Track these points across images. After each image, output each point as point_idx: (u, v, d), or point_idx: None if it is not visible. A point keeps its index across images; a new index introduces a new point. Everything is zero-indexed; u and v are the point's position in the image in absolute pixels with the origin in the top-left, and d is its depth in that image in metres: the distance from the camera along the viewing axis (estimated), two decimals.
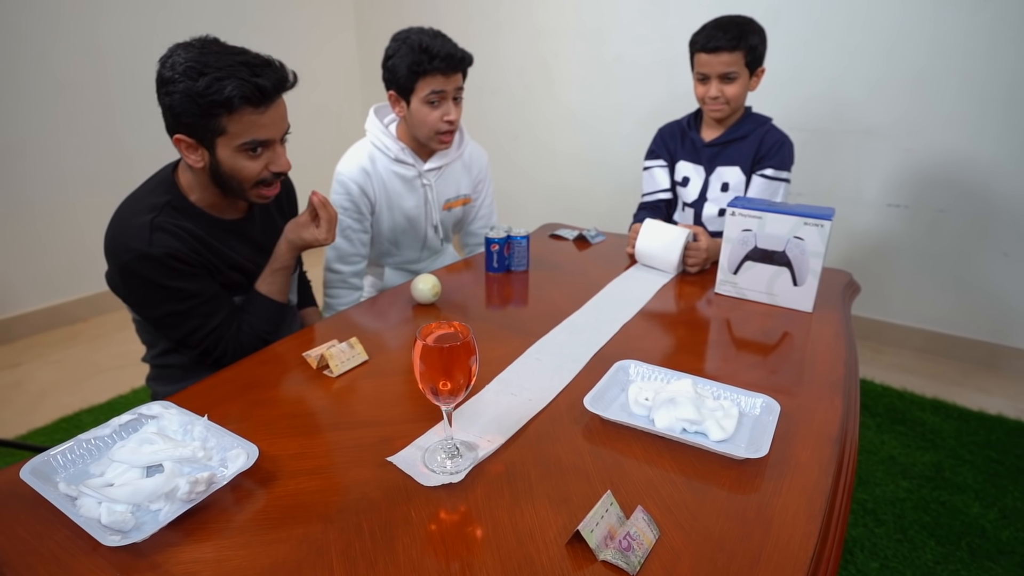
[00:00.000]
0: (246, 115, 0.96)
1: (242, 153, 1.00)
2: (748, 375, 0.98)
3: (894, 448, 1.84)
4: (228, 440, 0.75)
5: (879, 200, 2.41)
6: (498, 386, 0.94)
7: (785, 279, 1.22)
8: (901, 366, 2.37)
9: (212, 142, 0.98)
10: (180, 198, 1.06)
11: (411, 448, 0.79)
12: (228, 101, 0.94)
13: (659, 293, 1.31)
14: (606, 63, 2.90)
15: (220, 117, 0.95)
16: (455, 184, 1.61)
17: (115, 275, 1.03)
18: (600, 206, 3.13)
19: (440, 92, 1.39)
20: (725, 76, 1.52)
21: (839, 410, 0.87)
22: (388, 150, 1.49)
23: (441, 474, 0.74)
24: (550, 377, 0.96)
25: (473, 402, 0.90)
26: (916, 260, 2.40)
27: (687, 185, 1.70)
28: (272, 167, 1.03)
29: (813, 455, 0.77)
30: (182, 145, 1.00)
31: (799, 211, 1.17)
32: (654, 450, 0.78)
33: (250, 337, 1.13)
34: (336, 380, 0.96)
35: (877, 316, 2.53)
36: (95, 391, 2.20)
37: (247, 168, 1.02)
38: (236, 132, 0.98)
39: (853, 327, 1.19)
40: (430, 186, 1.54)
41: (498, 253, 1.41)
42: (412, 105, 1.42)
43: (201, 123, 0.96)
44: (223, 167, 1.01)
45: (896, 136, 2.31)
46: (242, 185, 1.03)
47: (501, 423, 0.84)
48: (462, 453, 0.77)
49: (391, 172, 1.50)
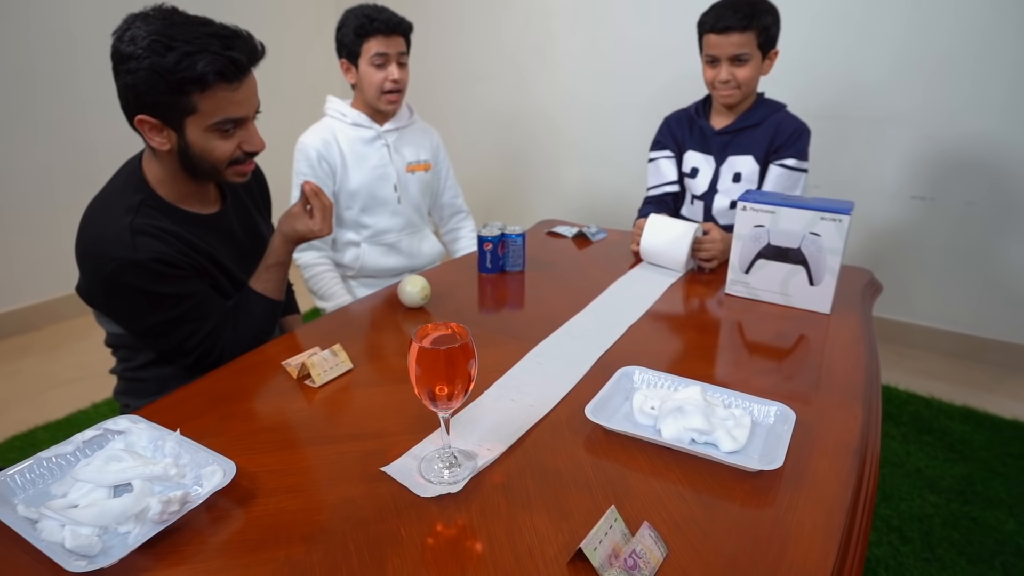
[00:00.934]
0: (219, 92, 0.96)
1: (214, 133, 1.00)
2: (761, 381, 0.99)
3: (920, 460, 1.86)
4: (202, 456, 0.76)
5: (902, 192, 2.44)
6: (497, 392, 0.95)
7: (801, 278, 1.23)
8: (927, 371, 2.39)
9: (180, 122, 0.98)
10: (152, 195, 1.06)
11: (406, 458, 0.80)
12: (201, 78, 0.93)
13: (666, 293, 1.33)
14: (607, 46, 2.92)
15: (191, 95, 0.95)
16: (415, 147, 1.81)
17: (95, 288, 1.03)
18: (601, 201, 3.15)
19: (383, 55, 1.64)
20: (736, 58, 1.54)
21: (859, 419, 0.89)
22: (345, 117, 1.72)
23: (439, 484, 0.75)
24: (552, 382, 0.98)
25: (470, 409, 0.91)
26: (943, 256, 2.42)
27: (696, 176, 1.71)
28: (245, 146, 1.04)
29: (831, 467, 0.79)
30: (145, 127, 0.99)
31: (815, 205, 1.19)
32: (661, 462, 0.79)
33: (247, 337, 1.15)
34: (319, 390, 0.97)
35: (901, 317, 2.56)
36: (53, 405, 2.19)
37: (219, 149, 1.02)
38: (208, 111, 0.97)
39: (874, 329, 1.20)
40: (390, 145, 1.76)
41: (491, 253, 1.42)
42: (360, 68, 1.67)
43: (168, 102, 0.95)
44: (193, 149, 1.01)
45: (920, 122, 2.34)
46: (215, 167, 1.03)
47: (501, 431, 0.86)
48: (460, 462, 0.79)
49: (352, 137, 1.72)
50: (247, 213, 1.24)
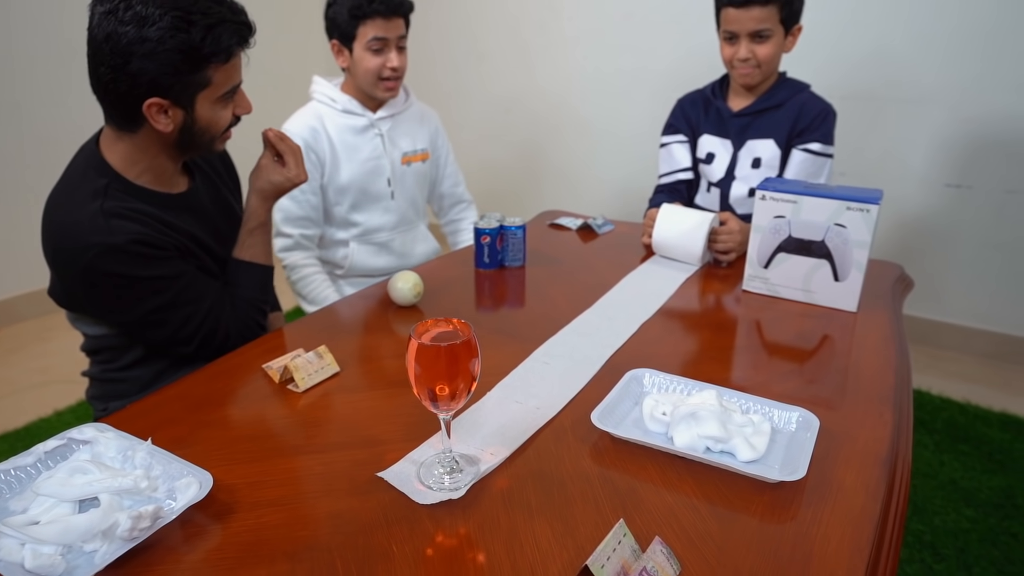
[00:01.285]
0: (232, 61, 1.03)
1: (220, 103, 1.06)
2: (782, 385, 0.99)
3: (955, 471, 1.86)
4: (176, 467, 0.76)
5: (936, 179, 2.44)
6: (501, 393, 0.96)
7: (825, 274, 1.23)
8: (963, 374, 2.39)
9: (192, 99, 1.03)
10: (117, 177, 1.07)
11: (404, 462, 0.81)
12: (227, 49, 1.00)
13: (680, 289, 1.33)
14: (614, 22, 2.92)
15: (208, 69, 1.01)
16: (411, 136, 1.79)
17: (73, 284, 1.03)
18: (609, 190, 3.15)
19: (382, 39, 1.60)
20: (756, 34, 1.54)
21: (889, 425, 0.89)
22: (335, 103, 1.69)
23: (439, 491, 0.76)
24: (560, 383, 0.99)
25: (472, 411, 0.92)
26: (980, 250, 2.43)
27: (712, 162, 1.72)
28: (238, 110, 1.10)
29: (858, 478, 0.79)
30: (153, 110, 1.01)
31: (841, 194, 1.19)
32: (673, 472, 0.80)
33: (247, 310, 1.17)
34: (302, 396, 0.97)
35: (934, 316, 2.56)
36: (11, 413, 2.20)
37: (223, 118, 1.08)
38: (220, 82, 1.03)
39: (905, 329, 1.21)
40: (384, 135, 1.73)
41: (489, 246, 1.43)
42: (355, 53, 1.63)
43: (187, 79, 1.00)
44: (199, 124, 1.06)
45: (955, 103, 2.34)
46: (214, 136, 1.09)
47: (505, 434, 0.87)
48: (462, 467, 0.80)
49: (342, 125, 1.69)
50: (216, 190, 1.25)
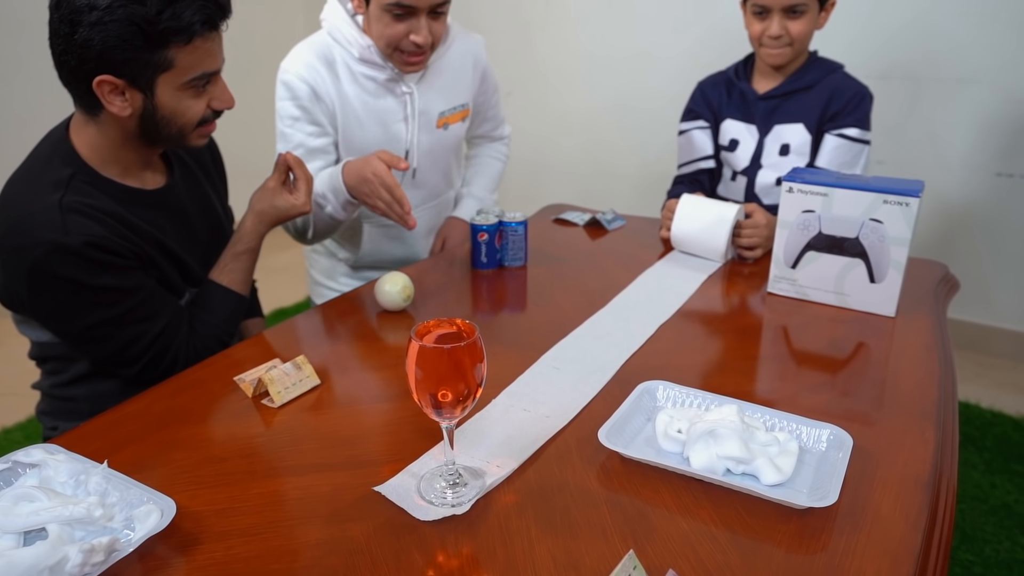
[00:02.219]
0: (200, 44, 1.01)
1: (188, 91, 1.04)
2: (812, 398, 0.99)
3: (1009, 493, 1.85)
4: (135, 494, 0.76)
5: (985, 168, 2.43)
6: (507, 401, 0.98)
7: (859, 274, 1.23)
8: (1017, 385, 2.38)
9: (151, 81, 1.01)
10: (85, 168, 1.07)
11: (403, 475, 0.83)
12: (188, 28, 0.98)
13: (699, 291, 1.33)
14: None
15: (169, 49, 0.99)
16: (451, 89, 1.57)
17: (18, 282, 1.03)
18: (620, 181, 3.14)
19: (408, 7, 1.35)
20: (790, 10, 1.53)
21: (931, 444, 0.88)
22: (351, 45, 1.46)
23: (441, 506, 0.77)
24: (570, 390, 1.01)
25: (476, 420, 0.93)
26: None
27: (736, 149, 1.71)
28: (215, 103, 1.08)
29: (897, 503, 0.78)
30: (104, 89, 1.01)
31: (877, 186, 1.18)
32: (689, 497, 0.79)
33: (206, 339, 1.16)
34: (279, 411, 0.97)
35: (983, 320, 2.55)
36: None
37: (192, 109, 1.06)
38: (186, 65, 1.01)
39: (949, 335, 1.20)
40: (411, 94, 1.52)
41: (487, 244, 1.43)
42: (371, 7, 1.40)
43: (142, 58, 0.98)
44: (161, 112, 1.04)
45: (1006, 84, 2.33)
46: (182, 130, 1.07)
47: (513, 445, 0.88)
48: (466, 481, 0.81)
49: (358, 73, 1.48)
50: (198, 186, 1.25)
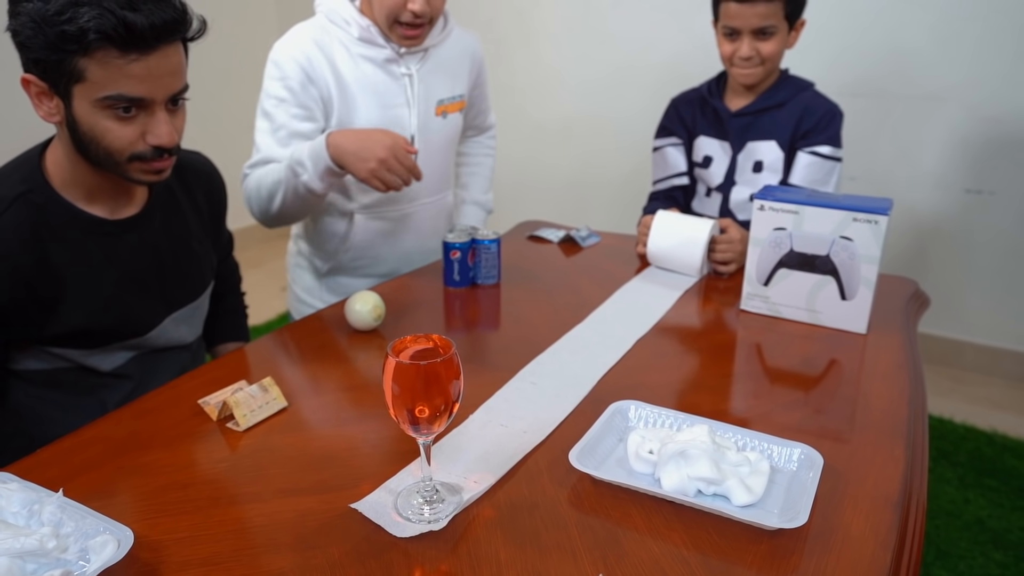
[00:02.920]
0: (111, 60, 0.93)
1: (105, 111, 0.97)
2: (785, 416, 1.00)
3: (982, 508, 1.87)
4: (91, 523, 0.74)
5: (955, 184, 2.48)
6: (484, 416, 0.99)
7: (830, 291, 1.24)
8: (989, 400, 2.42)
9: (68, 90, 0.96)
10: (45, 188, 1.04)
11: (380, 492, 0.84)
12: (81, 35, 0.90)
13: (673, 309, 1.33)
14: (600, 11, 2.95)
15: (74, 56, 0.93)
16: (450, 77, 1.56)
17: None
18: (595, 198, 3.16)
19: None
20: (760, 31, 1.56)
21: (901, 463, 0.89)
22: (350, 25, 1.44)
23: (418, 522, 0.78)
24: (548, 405, 1.02)
25: (453, 436, 0.94)
26: (1005, 262, 2.46)
27: (710, 166, 1.74)
28: (149, 137, 1.00)
29: (868, 523, 0.79)
30: (32, 89, 0.99)
31: (847, 204, 1.20)
32: (660, 519, 0.79)
33: None
34: (244, 435, 0.96)
35: (956, 335, 2.59)
36: None
37: (113, 133, 0.98)
38: (97, 81, 0.94)
39: (919, 353, 1.22)
40: (411, 76, 1.49)
41: (460, 262, 1.42)
42: None
43: (53, 61, 0.94)
44: (82, 127, 0.98)
45: (974, 100, 2.38)
46: (112, 156, 1.00)
47: (490, 460, 0.89)
48: (443, 497, 0.82)
49: (357, 55, 1.45)
50: (179, 217, 1.20)
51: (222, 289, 1.34)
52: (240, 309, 1.43)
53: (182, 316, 1.21)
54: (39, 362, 1.10)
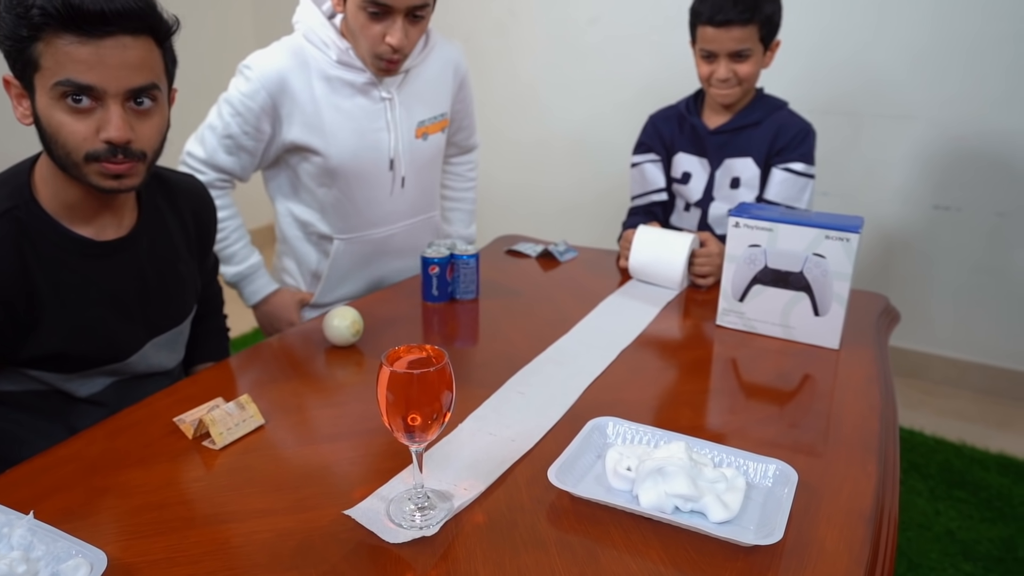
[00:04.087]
0: (59, 43, 0.90)
1: (59, 102, 0.93)
2: (761, 431, 1.01)
3: (952, 520, 1.90)
4: (63, 546, 0.73)
5: (923, 201, 2.53)
6: (473, 425, 1.02)
7: (804, 307, 1.26)
8: (957, 412, 2.46)
9: (31, 82, 0.95)
10: (31, 204, 1.01)
11: (373, 499, 0.85)
12: (26, 14, 0.89)
13: (651, 326, 1.34)
14: (579, 27, 2.98)
15: (32, 43, 0.91)
16: (431, 96, 1.55)
17: None
18: (572, 213, 3.18)
19: (384, 5, 1.32)
20: (736, 54, 1.59)
21: (873, 478, 0.91)
22: (328, 48, 1.43)
23: (410, 528, 0.80)
24: (535, 414, 1.05)
25: (443, 445, 0.96)
26: (972, 276, 2.51)
27: (688, 182, 1.76)
28: (101, 132, 0.95)
29: (841, 538, 0.80)
30: (11, 91, 0.98)
31: (819, 222, 1.22)
32: (638, 536, 0.80)
33: None
34: (220, 453, 0.95)
35: (925, 348, 2.64)
36: None
37: (67, 127, 0.94)
38: (49, 67, 0.92)
39: (891, 366, 1.24)
40: (391, 100, 1.50)
41: (438, 277, 1.42)
42: (348, 5, 1.37)
43: (15, 51, 0.93)
44: (42, 122, 0.96)
45: (943, 120, 2.44)
46: (70, 156, 0.96)
47: (479, 468, 0.91)
48: (435, 504, 0.84)
49: (334, 77, 1.45)
50: (167, 240, 1.17)
51: (204, 310, 1.32)
52: (222, 330, 1.42)
53: (164, 341, 1.18)
54: (10, 383, 1.08)
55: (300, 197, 1.56)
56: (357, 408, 1.06)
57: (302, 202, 1.56)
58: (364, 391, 1.12)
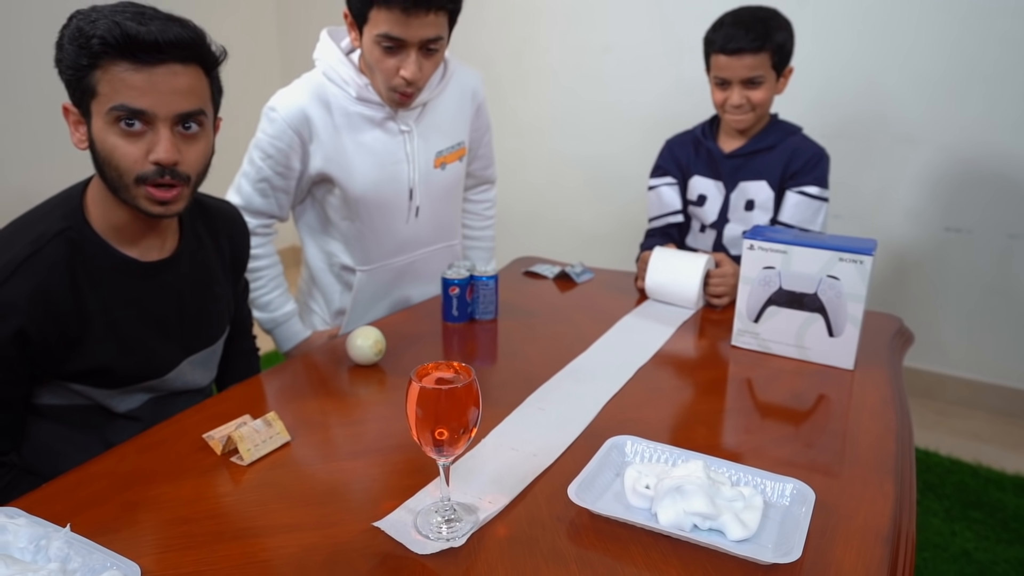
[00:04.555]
0: (115, 70, 0.95)
1: (113, 126, 0.97)
2: (776, 451, 1.00)
3: (968, 540, 1.87)
4: (98, 558, 0.74)
5: (935, 223, 2.52)
6: (495, 440, 1.03)
7: (819, 328, 1.26)
8: (973, 432, 2.43)
9: (88, 109, 0.99)
10: (83, 226, 1.04)
11: (401, 511, 0.87)
12: (87, 44, 0.93)
13: (666, 345, 1.34)
14: (593, 54, 3.00)
15: (89, 71, 0.96)
16: (449, 126, 1.57)
17: None
18: (589, 234, 3.19)
19: (397, 39, 1.33)
20: (749, 81, 1.61)
21: (890, 499, 0.90)
22: (348, 85, 1.45)
23: (437, 540, 0.81)
24: (555, 430, 1.06)
25: (467, 459, 0.97)
26: (984, 298, 2.49)
27: (704, 204, 1.77)
28: (152, 154, 0.99)
29: (859, 558, 0.79)
30: (70, 118, 1.02)
31: (833, 244, 1.23)
32: (657, 553, 0.80)
33: None
34: (248, 469, 0.96)
35: (939, 368, 2.61)
36: None
37: (119, 150, 0.98)
38: (105, 93, 0.96)
39: (904, 388, 1.23)
40: (410, 132, 1.51)
41: (458, 298, 1.44)
42: (364, 40, 1.39)
43: (75, 80, 0.97)
44: (97, 146, 1.00)
45: (953, 144, 2.43)
46: (122, 178, 0.99)
47: (503, 482, 0.93)
48: (461, 516, 0.85)
49: (354, 113, 1.47)
50: (204, 262, 1.19)
51: (235, 331, 1.34)
52: (252, 350, 1.44)
53: (199, 360, 1.20)
54: (55, 397, 1.10)
55: (327, 231, 1.60)
56: (379, 426, 1.07)
57: (328, 235, 1.60)
58: (386, 409, 1.13)
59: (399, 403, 1.14)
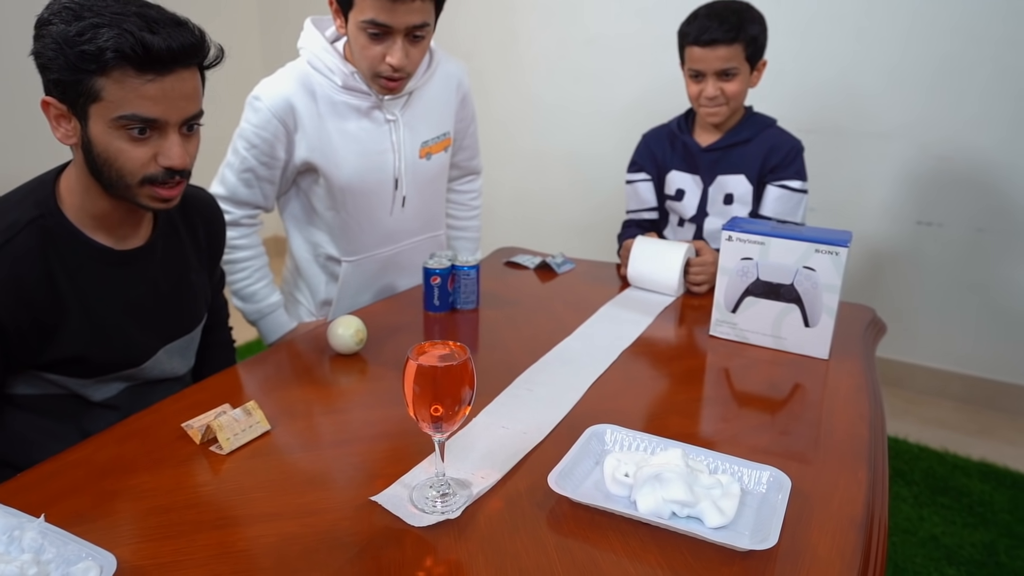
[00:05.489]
0: (127, 79, 0.93)
1: (120, 131, 0.96)
2: (753, 439, 1.00)
3: (936, 525, 1.90)
4: (73, 549, 0.72)
5: (907, 216, 2.54)
6: (486, 419, 1.05)
7: (795, 319, 1.26)
8: (940, 420, 2.46)
9: (85, 110, 0.96)
10: (55, 214, 1.02)
11: (396, 486, 0.88)
12: (99, 54, 0.90)
13: (644, 335, 1.34)
14: (577, 45, 2.99)
15: (93, 76, 0.92)
16: (434, 116, 1.55)
17: None
18: (569, 225, 3.18)
19: (383, 26, 1.31)
20: (723, 73, 1.60)
21: (863, 485, 0.90)
22: (333, 74, 1.42)
23: (432, 513, 0.83)
24: (543, 409, 1.08)
25: (459, 437, 0.99)
26: (953, 290, 2.52)
27: (682, 199, 1.76)
28: (161, 159, 0.99)
29: (833, 543, 0.79)
30: (50, 112, 0.98)
31: (809, 236, 1.22)
32: (636, 541, 0.79)
33: None
34: (227, 458, 0.94)
35: (909, 358, 2.64)
36: None
37: (126, 154, 0.97)
38: (112, 100, 0.94)
39: (877, 376, 1.24)
40: (395, 121, 1.49)
41: (440, 287, 1.42)
42: (349, 27, 1.36)
43: (71, 81, 0.93)
44: (96, 148, 0.97)
45: (923, 140, 2.45)
46: (124, 179, 0.98)
47: (495, 458, 0.94)
48: (455, 491, 0.87)
49: (339, 102, 1.44)
50: (180, 250, 1.17)
51: (211, 323, 1.32)
52: (228, 342, 1.41)
53: (176, 348, 1.18)
54: (29, 387, 1.07)
55: (312, 222, 1.56)
56: (361, 414, 1.06)
57: (313, 226, 1.57)
58: (368, 398, 1.11)
59: (381, 392, 1.12)
